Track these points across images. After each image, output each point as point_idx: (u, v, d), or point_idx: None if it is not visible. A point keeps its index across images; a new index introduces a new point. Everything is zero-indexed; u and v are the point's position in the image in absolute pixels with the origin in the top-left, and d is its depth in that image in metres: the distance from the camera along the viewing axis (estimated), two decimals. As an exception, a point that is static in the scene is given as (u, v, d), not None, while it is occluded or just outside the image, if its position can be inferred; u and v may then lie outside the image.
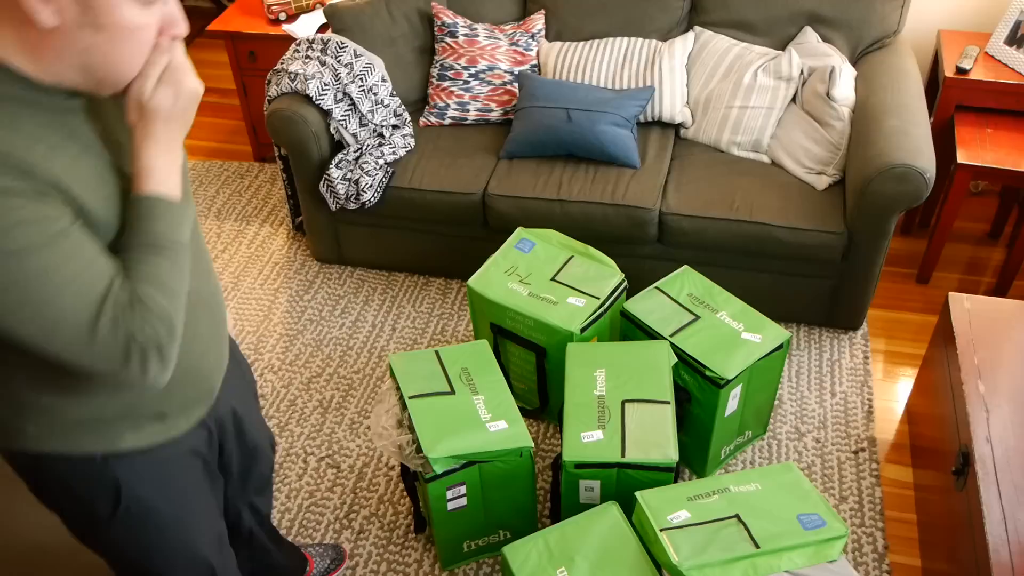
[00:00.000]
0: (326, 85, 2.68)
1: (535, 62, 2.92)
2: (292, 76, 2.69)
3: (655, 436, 1.93)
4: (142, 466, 1.28)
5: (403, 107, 2.88)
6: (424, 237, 2.84)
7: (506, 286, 2.28)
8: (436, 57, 2.92)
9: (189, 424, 1.33)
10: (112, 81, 1.05)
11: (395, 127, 2.82)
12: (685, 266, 2.36)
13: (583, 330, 2.18)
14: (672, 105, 2.79)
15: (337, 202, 2.71)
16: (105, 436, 1.23)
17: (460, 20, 2.89)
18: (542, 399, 2.39)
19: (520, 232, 2.43)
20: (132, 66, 1.04)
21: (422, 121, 2.93)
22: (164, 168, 1.10)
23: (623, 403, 1.99)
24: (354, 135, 2.74)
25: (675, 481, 1.92)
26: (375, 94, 2.78)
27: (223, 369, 1.38)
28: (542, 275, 2.31)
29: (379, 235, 2.88)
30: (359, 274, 3.01)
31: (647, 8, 2.87)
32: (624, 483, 1.92)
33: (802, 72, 2.69)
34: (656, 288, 2.30)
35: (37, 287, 0.99)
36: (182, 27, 1.08)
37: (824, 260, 2.50)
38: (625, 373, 2.06)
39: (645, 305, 2.25)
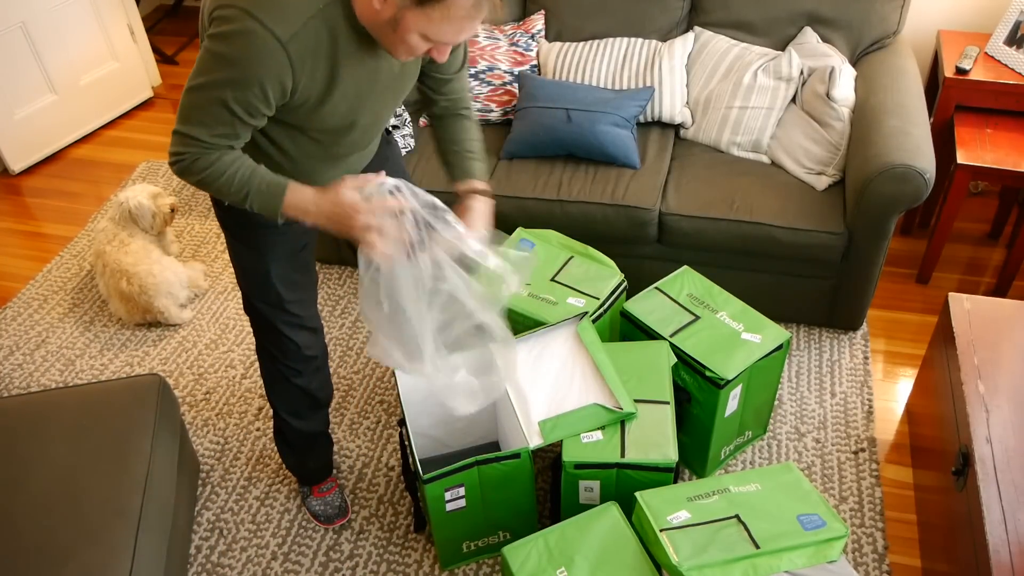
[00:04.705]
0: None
1: (535, 62, 2.92)
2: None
3: (655, 436, 1.93)
4: None
5: (403, 107, 2.88)
6: (424, 237, 2.84)
7: (506, 286, 2.28)
8: (436, 57, 2.92)
9: None
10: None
11: (394, 127, 2.82)
12: (685, 266, 2.36)
13: (583, 330, 2.18)
14: (672, 105, 2.79)
15: (337, 202, 2.71)
16: None
17: (460, 20, 2.89)
18: (542, 399, 2.38)
19: (520, 232, 2.43)
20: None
21: (422, 121, 2.93)
22: (299, 211, 1.57)
23: (623, 403, 1.99)
24: (354, 135, 2.74)
25: (675, 481, 1.92)
26: (375, 94, 2.77)
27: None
28: (542, 275, 2.31)
29: (379, 235, 2.88)
30: (359, 274, 2.99)
31: (647, 8, 2.87)
32: (624, 483, 1.92)
33: (802, 72, 2.69)
34: (656, 288, 2.30)
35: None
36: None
37: (824, 260, 2.50)
38: (625, 373, 2.06)
39: (645, 305, 2.25)
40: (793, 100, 2.72)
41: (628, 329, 2.26)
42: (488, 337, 1.72)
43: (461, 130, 1.79)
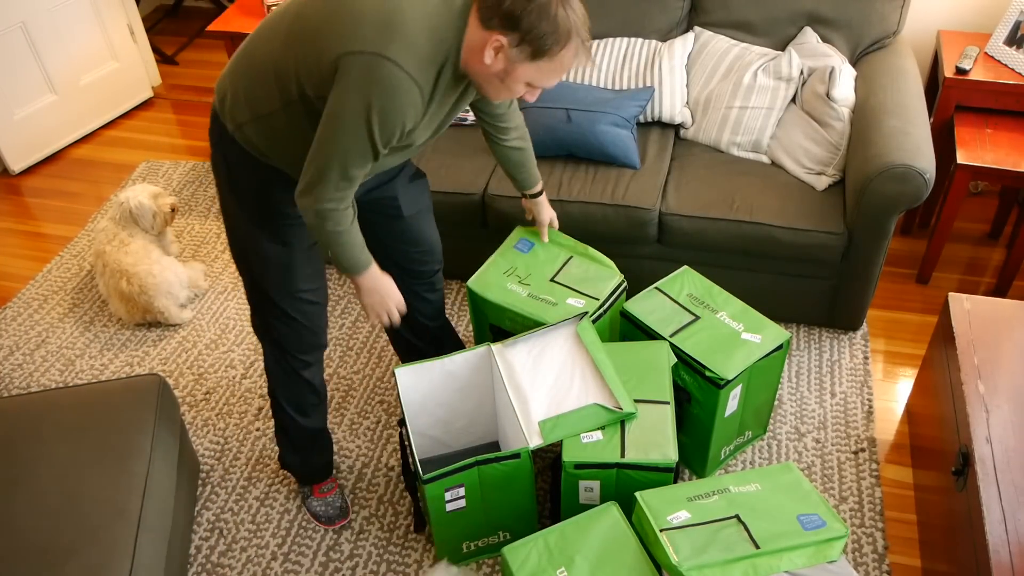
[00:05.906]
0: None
1: (535, 62, 2.92)
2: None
3: (655, 436, 1.93)
4: None
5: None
6: (424, 237, 2.84)
7: (505, 287, 2.28)
8: (436, 57, 2.92)
9: None
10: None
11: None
12: (685, 266, 2.36)
13: (583, 330, 2.18)
14: (672, 105, 2.79)
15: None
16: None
17: (460, 20, 2.89)
18: (542, 399, 2.38)
19: (519, 232, 2.43)
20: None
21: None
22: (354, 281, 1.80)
23: (623, 403, 1.99)
24: (354, 135, 2.74)
25: (675, 481, 1.92)
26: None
27: None
28: (541, 276, 2.31)
29: (379, 235, 2.88)
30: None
31: (647, 8, 2.87)
32: (624, 483, 1.92)
33: (802, 72, 2.69)
34: (656, 288, 2.30)
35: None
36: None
37: (824, 260, 2.50)
38: (625, 373, 2.06)
39: (645, 305, 2.25)
40: (793, 100, 2.72)
41: (628, 329, 2.26)
42: None
43: (527, 160, 2.13)
